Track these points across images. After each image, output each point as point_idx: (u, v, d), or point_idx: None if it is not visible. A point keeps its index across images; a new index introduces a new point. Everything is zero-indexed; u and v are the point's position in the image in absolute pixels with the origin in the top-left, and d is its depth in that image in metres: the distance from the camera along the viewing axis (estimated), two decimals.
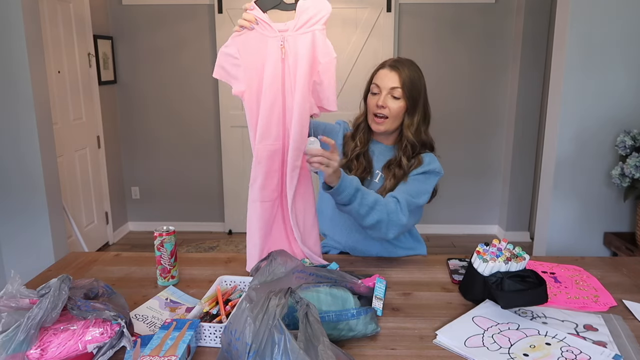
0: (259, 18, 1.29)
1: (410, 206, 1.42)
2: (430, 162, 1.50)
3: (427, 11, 3.75)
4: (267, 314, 0.87)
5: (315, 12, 1.28)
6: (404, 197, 1.41)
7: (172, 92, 3.96)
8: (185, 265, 1.45)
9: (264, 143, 1.32)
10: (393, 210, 1.37)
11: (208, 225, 4.19)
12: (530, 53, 3.64)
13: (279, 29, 1.30)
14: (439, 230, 4.03)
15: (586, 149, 2.47)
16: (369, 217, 1.35)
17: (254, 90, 1.31)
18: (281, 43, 1.29)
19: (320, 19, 1.28)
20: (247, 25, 1.28)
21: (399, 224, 1.38)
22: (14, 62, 2.45)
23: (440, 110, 3.86)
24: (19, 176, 2.56)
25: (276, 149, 1.34)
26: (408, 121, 1.48)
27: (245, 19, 1.28)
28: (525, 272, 1.19)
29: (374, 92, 1.49)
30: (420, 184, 1.47)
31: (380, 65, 1.52)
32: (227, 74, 1.32)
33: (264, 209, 1.37)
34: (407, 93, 1.45)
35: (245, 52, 1.30)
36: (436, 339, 1.07)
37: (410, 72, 1.46)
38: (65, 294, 0.96)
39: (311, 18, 1.28)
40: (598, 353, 1.00)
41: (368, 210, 1.34)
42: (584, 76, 2.40)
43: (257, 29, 1.29)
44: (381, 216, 1.35)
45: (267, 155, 1.33)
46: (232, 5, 3.70)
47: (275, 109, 1.31)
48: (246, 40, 1.30)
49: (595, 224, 2.56)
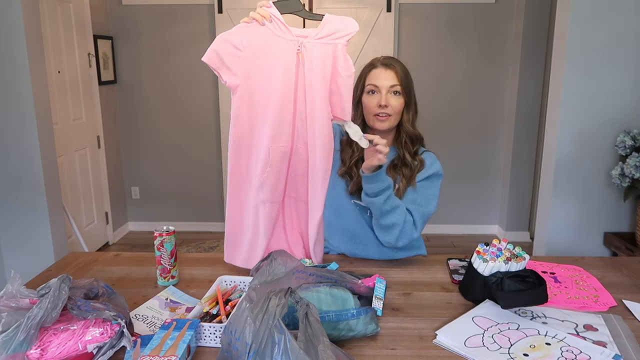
0: (274, 17, 1.27)
1: (424, 217, 1.47)
2: (431, 163, 1.52)
3: (427, 11, 3.75)
4: (267, 314, 0.87)
5: (341, 27, 1.29)
6: (417, 210, 1.46)
7: (172, 92, 3.96)
8: (185, 265, 1.45)
9: (276, 145, 1.32)
10: (410, 222, 1.43)
11: (208, 225, 4.19)
12: (530, 53, 3.64)
13: (296, 34, 1.29)
14: (439, 230, 4.03)
15: (586, 149, 2.47)
16: (388, 216, 1.40)
17: (251, 87, 1.29)
18: (298, 48, 1.28)
19: (345, 35, 1.29)
20: (258, 19, 1.26)
21: (410, 236, 1.44)
22: (14, 62, 2.45)
23: (440, 110, 3.87)
24: (19, 176, 2.56)
25: (286, 151, 1.34)
26: (406, 116, 1.50)
27: (260, 14, 1.26)
28: (525, 272, 1.19)
29: (371, 92, 1.49)
30: (426, 190, 1.49)
31: (370, 66, 1.50)
32: (221, 62, 1.27)
33: (272, 210, 1.37)
34: (405, 89, 1.46)
35: (251, 45, 1.26)
36: (436, 339, 1.07)
37: (403, 68, 1.48)
38: (65, 294, 0.96)
39: (337, 32, 1.29)
40: (598, 353, 1.00)
41: (390, 209, 1.39)
42: (584, 76, 2.40)
43: (268, 26, 1.27)
44: (398, 220, 1.41)
45: (280, 157, 1.33)
46: (232, 5, 3.70)
47: (286, 112, 1.31)
48: (254, 34, 1.27)
49: (595, 224, 2.56)
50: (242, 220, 1.41)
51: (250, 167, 1.36)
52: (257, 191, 1.36)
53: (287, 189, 1.40)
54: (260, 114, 1.32)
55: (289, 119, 1.32)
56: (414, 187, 1.48)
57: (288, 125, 1.32)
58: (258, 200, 1.36)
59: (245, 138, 1.34)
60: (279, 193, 1.38)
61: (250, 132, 1.34)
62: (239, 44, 1.26)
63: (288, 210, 1.44)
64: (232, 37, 1.26)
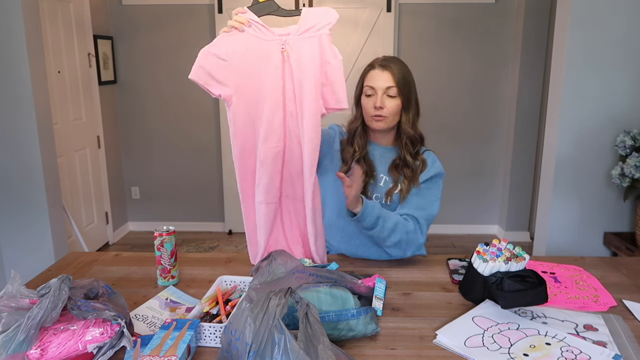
0: (252, 20, 1.27)
1: (429, 220, 1.49)
2: (432, 163, 1.52)
3: (427, 11, 3.75)
4: (267, 314, 0.87)
5: (321, 18, 1.28)
6: (421, 215, 1.46)
7: (172, 92, 3.96)
8: (185, 265, 1.45)
9: (267, 145, 1.32)
10: (412, 231, 1.44)
11: (208, 225, 4.19)
12: (530, 53, 3.64)
13: (279, 33, 1.29)
14: (439, 230, 4.03)
15: (586, 149, 2.47)
16: (389, 239, 1.42)
17: (245, 93, 1.29)
18: (282, 47, 1.28)
19: (326, 24, 1.28)
20: (237, 26, 1.26)
21: (416, 244, 1.46)
22: (14, 62, 2.45)
23: (440, 110, 3.87)
24: (19, 176, 2.56)
25: (279, 151, 1.34)
26: (405, 117, 1.49)
27: (238, 21, 1.27)
28: (525, 272, 1.19)
29: (368, 94, 1.49)
30: (429, 192, 1.50)
31: (369, 67, 1.51)
32: (208, 76, 1.26)
33: (269, 210, 1.38)
34: (401, 90, 1.46)
35: (236, 53, 1.27)
36: (436, 339, 1.07)
37: (401, 69, 1.47)
38: (65, 294, 0.96)
39: (317, 23, 1.28)
40: (598, 353, 1.00)
41: (389, 233, 1.41)
42: (584, 76, 2.40)
43: (249, 31, 1.27)
44: (401, 237, 1.43)
45: (272, 157, 1.33)
46: (232, 5, 3.70)
47: (277, 112, 1.31)
48: (236, 42, 1.27)
49: (595, 224, 2.56)
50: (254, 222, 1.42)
51: (254, 171, 1.37)
52: (256, 192, 1.37)
53: (283, 188, 1.41)
54: (257, 119, 1.32)
55: (280, 119, 1.32)
56: (418, 187, 1.49)
57: (279, 125, 1.32)
58: (256, 202, 1.37)
59: (247, 147, 1.34)
60: (273, 193, 1.37)
61: (252, 139, 1.34)
62: (224, 54, 1.26)
63: (286, 210, 1.44)
64: (215, 49, 1.26)
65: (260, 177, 1.34)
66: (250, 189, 1.39)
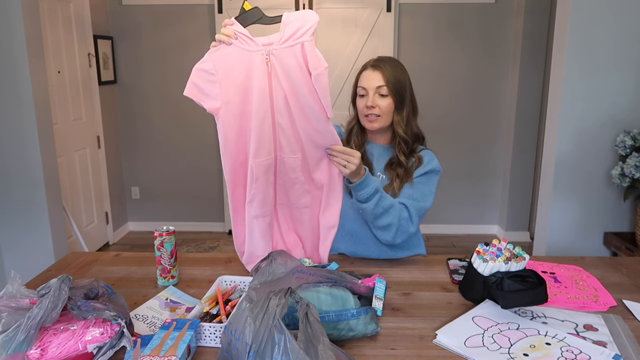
0: (238, 32, 1.26)
1: (420, 212, 1.48)
2: (429, 160, 1.52)
3: (427, 11, 3.75)
4: (267, 314, 0.87)
5: (302, 23, 1.25)
6: (413, 205, 1.46)
7: (172, 92, 3.95)
8: (185, 265, 1.46)
9: (258, 160, 1.31)
10: (405, 218, 1.44)
11: (208, 225, 4.19)
12: (530, 53, 3.64)
13: (262, 43, 1.27)
14: (439, 230, 4.03)
15: (586, 149, 2.47)
16: (381, 218, 1.42)
17: (232, 106, 1.28)
18: (266, 57, 1.26)
19: (307, 29, 1.25)
20: (224, 40, 1.25)
21: (407, 232, 1.45)
22: (14, 62, 2.45)
23: (440, 110, 3.87)
24: (19, 176, 2.56)
25: (270, 163, 1.34)
26: (397, 117, 1.50)
27: (224, 34, 1.26)
28: (525, 272, 1.19)
29: (361, 94, 1.51)
30: (423, 186, 1.50)
31: (362, 68, 1.53)
32: (200, 92, 1.27)
33: (265, 222, 1.38)
34: (392, 89, 1.46)
35: (223, 67, 1.26)
36: (436, 339, 1.07)
37: (392, 69, 1.47)
38: (65, 294, 0.96)
39: (298, 30, 1.25)
40: (598, 353, 1.00)
41: (382, 212, 1.41)
42: (584, 76, 2.40)
43: (236, 43, 1.26)
44: (393, 220, 1.42)
45: (263, 171, 1.33)
46: (232, 5, 3.70)
47: (265, 125, 1.29)
48: (224, 55, 1.26)
49: (595, 224, 2.56)
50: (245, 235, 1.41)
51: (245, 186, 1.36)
52: (248, 208, 1.35)
53: (277, 197, 1.41)
54: (246, 133, 1.31)
55: (269, 132, 1.31)
56: (411, 183, 1.49)
57: (268, 138, 1.31)
58: (251, 217, 1.36)
59: (238, 160, 1.33)
60: (269, 206, 1.38)
61: (243, 153, 1.33)
62: (212, 69, 1.25)
63: (282, 218, 1.44)
64: (204, 65, 1.26)
65: (254, 194, 1.33)
66: (241, 202, 1.37)
